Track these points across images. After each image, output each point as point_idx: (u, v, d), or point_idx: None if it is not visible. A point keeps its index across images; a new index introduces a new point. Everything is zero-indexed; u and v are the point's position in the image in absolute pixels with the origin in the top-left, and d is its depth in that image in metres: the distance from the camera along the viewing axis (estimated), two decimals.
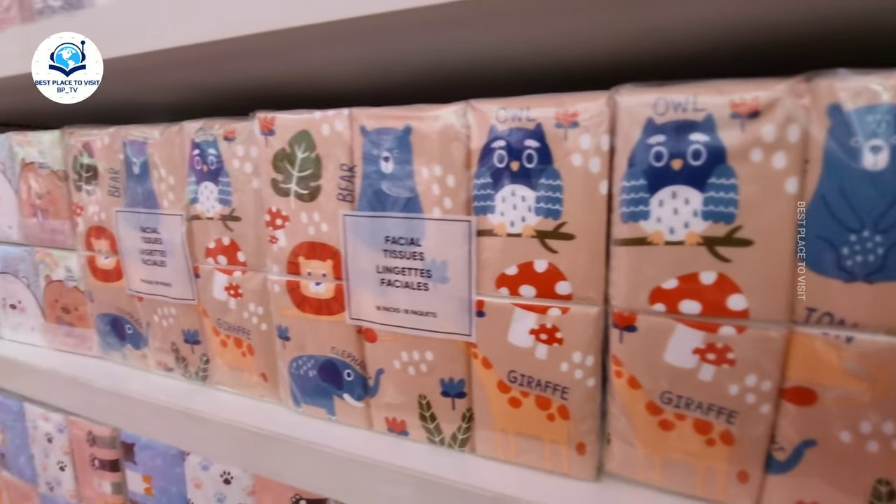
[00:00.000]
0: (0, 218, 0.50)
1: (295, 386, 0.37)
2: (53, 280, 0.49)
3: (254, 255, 0.37)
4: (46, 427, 0.55)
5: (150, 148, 0.39)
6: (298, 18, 0.27)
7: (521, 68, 0.37)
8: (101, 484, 0.53)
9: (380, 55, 0.34)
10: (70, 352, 0.51)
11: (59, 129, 0.45)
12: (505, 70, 0.38)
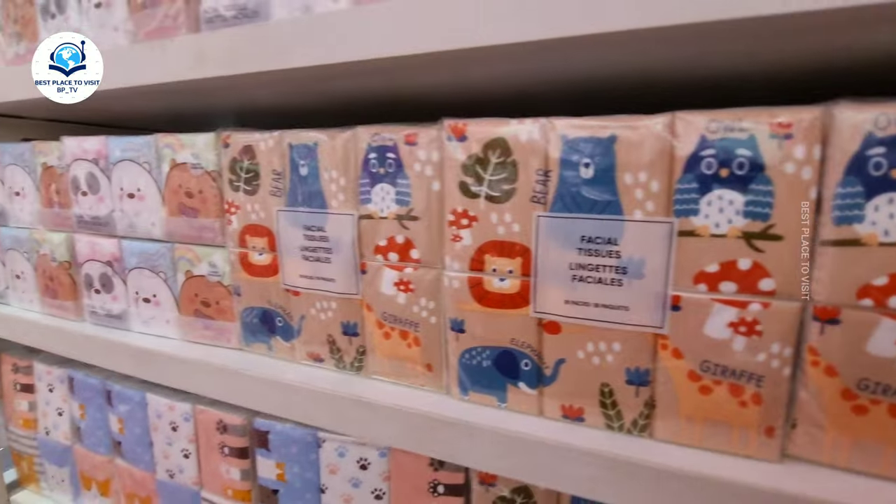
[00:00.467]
0: (143, 216, 0.52)
1: (465, 375, 0.40)
2: (195, 275, 0.51)
3: (429, 253, 0.39)
4: (171, 416, 0.58)
5: (320, 151, 0.42)
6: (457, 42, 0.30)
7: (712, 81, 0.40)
8: (230, 471, 0.56)
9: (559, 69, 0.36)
10: (207, 343, 0.53)
11: (212, 132, 0.47)
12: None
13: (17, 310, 0.66)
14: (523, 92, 0.49)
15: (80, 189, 0.56)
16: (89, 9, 0.49)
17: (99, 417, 0.63)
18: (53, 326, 0.60)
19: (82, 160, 0.55)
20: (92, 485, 0.67)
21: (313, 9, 0.39)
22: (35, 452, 0.71)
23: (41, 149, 0.59)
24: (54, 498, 0.71)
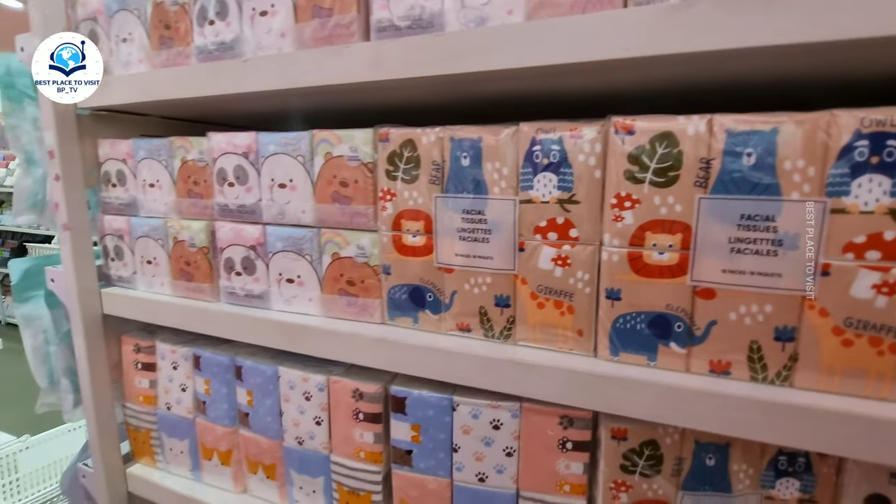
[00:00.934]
0: (293, 204, 0.58)
1: (616, 338, 0.46)
2: (342, 257, 0.57)
3: (587, 232, 0.45)
4: (305, 387, 0.63)
5: (483, 145, 0.47)
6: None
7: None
8: (363, 434, 0.62)
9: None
10: (349, 319, 0.59)
11: (370, 128, 0.53)
12: None
13: (147, 293, 0.71)
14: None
15: (227, 180, 0.61)
16: (254, 16, 0.54)
17: (225, 392, 0.69)
18: (192, 307, 0.65)
19: (231, 154, 0.60)
20: (213, 455, 0.72)
21: (488, 21, 0.45)
22: (153, 427, 0.76)
23: (181, 144, 0.64)
24: (170, 470, 0.76)
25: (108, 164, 0.70)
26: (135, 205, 0.70)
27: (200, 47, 0.59)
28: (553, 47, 0.41)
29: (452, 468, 0.57)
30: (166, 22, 0.61)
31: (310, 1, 0.51)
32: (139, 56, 0.64)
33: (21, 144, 0.81)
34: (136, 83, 0.62)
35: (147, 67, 0.63)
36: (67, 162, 0.67)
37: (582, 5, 0.41)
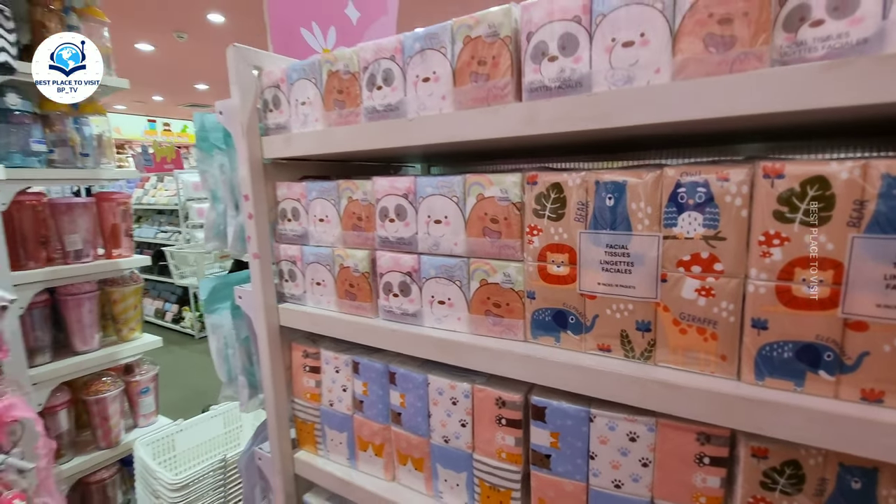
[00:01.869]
0: (447, 237, 0.68)
1: (762, 364, 0.49)
2: (489, 283, 0.66)
3: (732, 266, 0.49)
4: (452, 393, 0.73)
5: (628, 186, 0.53)
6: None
7: None
8: (504, 438, 0.70)
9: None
10: (494, 336, 0.67)
11: (518, 172, 0.61)
12: None
13: (315, 309, 0.85)
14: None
15: (388, 217, 0.73)
16: (417, 82, 0.65)
17: (380, 394, 0.81)
18: (355, 322, 0.78)
19: (392, 195, 0.72)
20: (368, 447, 0.84)
21: (634, 80, 0.51)
22: (316, 420, 0.90)
23: (347, 186, 0.77)
24: (330, 457, 0.90)
25: (285, 203, 0.86)
26: (306, 236, 0.84)
27: (369, 108, 0.71)
28: (703, 103, 0.46)
29: (589, 473, 0.63)
30: (339, 87, 0.74)
31: (468, 67, 0.61)
32: (315, 116, 0.78)
33: (208, 185, 1.00)
34: (314, 138, 0.76)
35: (322, 125, 0.77)
36: (258, 203, 0.83)
37: (729, 64, 0.46)
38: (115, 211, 1.80)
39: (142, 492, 1.67)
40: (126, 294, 1.83)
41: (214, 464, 1.59)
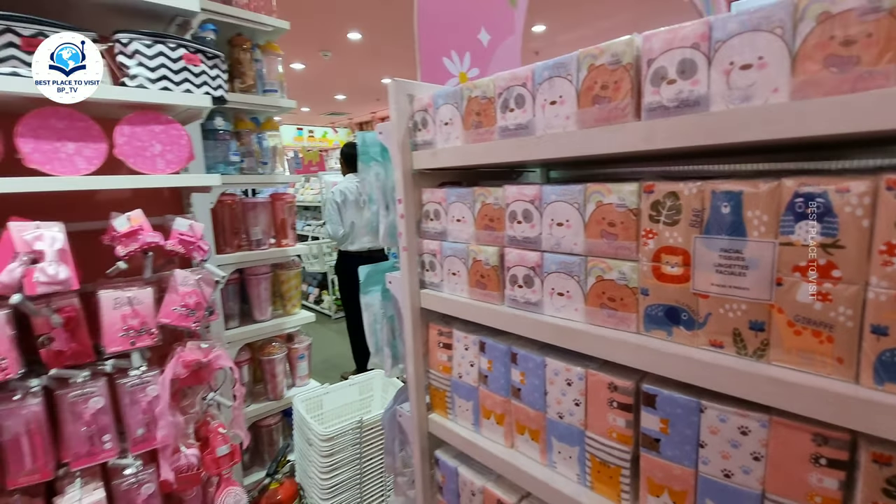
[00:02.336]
0: (568, 238, 0.78)
1: (882, 369, 0.51)
2: (605, 279, 0.74)
3: (851, 273, 0.52)
4: (567, 375, 0.83)
5: (744, 196, 0.58)
6: None
7: None
8: (615, 419, 0.78)
9: None
10: (607, 327, 0.75)
11: (636, 182, 0.69)
12: None
13: (450, 295, 1.01)
14: None
15: (517, 219, 0.85)
16: (545, 105, 0.76)
17: (503, 371, 0.94)
18: (484, 307, 0.92)
19: (520, 200, 0.84)
20: (490, 416, 0.98)
21: (752, 99, 0.55)
22: (447, 389, 1.07)
23: (481, 192, 0.91)
24: (457, 421, 1.06)
25: (428, 205, 1.03)
26: (445, 233, 1.01)
27: (502, 127, 0.84)
28: (823, 121, 0.50)
29: (698, 460, 0.68)
30: (477, 110, 0.88)
31: (591, 91, 0.70)
32: (456, 134, 0.93)
33: (366, 190, 1.23)
34: (456, 153, 0.92)
35: (461, 142, 0.92)
36: (408, 205, 1.02)
37: (851, 83, 0.49)
38: (284, 208, 2.21)
39: (297, 438, 2.04)
40: (290, 276, 2.24)
41: (353, 423, 1.88)
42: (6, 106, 1.13)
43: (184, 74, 1.31)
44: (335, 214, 3.23)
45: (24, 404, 1.09)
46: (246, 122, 2.12)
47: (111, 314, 1.19)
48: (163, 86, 1.27)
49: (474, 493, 1.02)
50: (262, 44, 2.12)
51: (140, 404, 1.26)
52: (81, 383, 1.16)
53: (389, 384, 2.32)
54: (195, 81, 1.34)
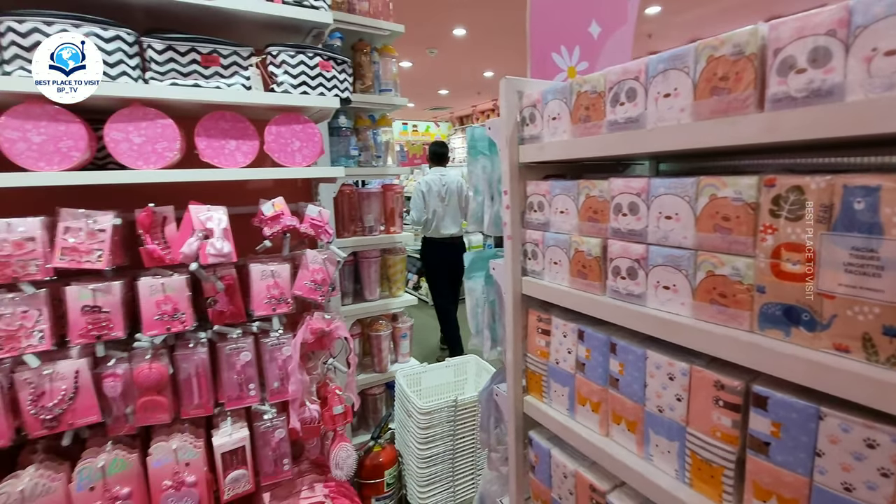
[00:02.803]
0: (677, 231, 0.77)
1: None
2: (716, 274, 0.73)
3: None
4: (669, 369, 0.82)
5: (882, 191, 0.54)
6: None
7: None
8: (721, 418, 0.76)
9: None
10: (716, 324, 0.74)
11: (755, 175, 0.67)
12: None
13: (551, 283, 1.05)
14: None
15: (622, 211, 0.86)
16: (658, 98, 0.76)
17: (601, 360, 0.96)
18: (585, 296, 0.95)
19: (626, 193, 0.85)
20: (586, 403, 1.01)
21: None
22: (544, 373, 1.11)
23: (586, 185, 0.94)
24: (552, 405, 1.10)
25: (533, 197, 1.08)
26: (548, 224, 1.05)
27: (611, 121, 0.85)
28: None
29: (814, 470, 0.65)
30: (586, 105, 0.90)
31: (709, 83, 0.69)
32: (563, 128, 0.96)
33: (472, 182, 1.31)
34: (562, 147, 0.95)
35: (568, 136, 0.95)
36: (513, 197, 1.07)
37: None
38: (393, 198, 2.39)
39: (398, 409, 2.23)
40: (396, 261, 2.42)
41: (448, 402, 2.00)
42: (187, 111, 1.40)
43: (319, 80, 1.51)
44: (420, 202, 3.64)
45: (195, 351, 1.36)
46: (364, 120, 2.33)
47: (259, 284, 1.42)
48: (302, 90, 1.48)
49: (566, 476, 1.05)
50: (380, 47, 2.30)
51: (277, 361, 1.49)
52: (235, 339, 1.41)
53: (483, 369, 2.41)
54: (327, 85, 1.53)
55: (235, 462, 1.43)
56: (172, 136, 1.30)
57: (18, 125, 1.12)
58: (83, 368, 1.20)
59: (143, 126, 1.26)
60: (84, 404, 1.21)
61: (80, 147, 1.18)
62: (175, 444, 1.34)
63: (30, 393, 1.15)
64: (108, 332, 1.22)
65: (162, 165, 1.29)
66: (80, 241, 1.18)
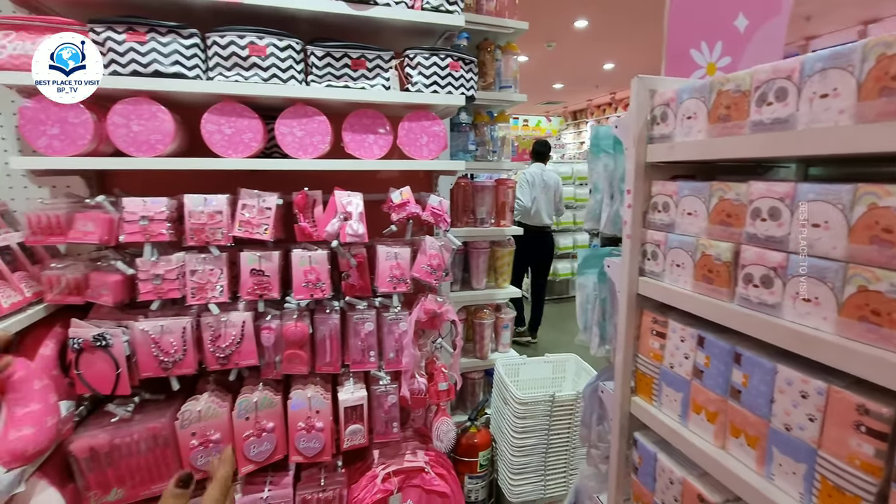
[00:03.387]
0: (825, 241, 0.73)
1: None
2: (870, 290, 0.68)
3: None
4: (803, 387, 0.78)
5: None
6: None
7: None
8: (862, 445, 0.70)
9: None
10: (865, 343, 0.69)
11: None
12: None
13: (671, 285, 1.03)
14: None
15: (760, 216, 0.83)
16: (813, 98, 0.72)
17: (722, 369, 0.92)
18: (708, 302, 0.92)
19: (768, 198, 0.81)
20: (701, 412, 0.98)
21: None
22: (655, 376, 1.10)
23: (720, 186, 0.91)
24: (662, 409, 1.09)
25: (658, 197, 1.07)
26: (672, 225, 1.03)
27: (755, 121, 0.82)
28: None
29: None
30: (727, 104, 0.87)
31: (878, 83, 0.64)
32: (698, 128, 0.94)
33: (592, 180, 1.32)
34: (696, 147, 0.93)
35: (703, 136, 0.93)
36: (636, 196, 1.07)
37: None
38: (505, 192, 2.46)
39: (496, 396, 2.30)
40: (503, 254, 2.49)
41: (545, 396, 2.02)
42: (334, 109, 1.60)
43: (448, 79, 1.62)
44: (526, 189, 4.27)
45: (330, 317, 1.58)
46: (482, 116, 2.42)
47: (384, 264, 1.59)
48: (433, 90, 1.60)
49: (672, 482, 1.04)
50: (503, 45, 2.37)
51: (394, 334, 1.65)
52: (361, 310, 1.60)
53: (582, 369, 2.38)
54: (455, 84, 1.64)
55: (354, 417, 1.63)
56: (325, 131, 1.51)
57: (216, 120, 1.39)
58: (248, 320, 1.47)
59: (303, 122, 1.48)
60: (246, 349, 1.48)
61: (258, 139, 1.44)
62: (309, 392, 1.57)
63: (210, 334, 1.44)
64: (267, 293, 1.47)
65: (316, 156, 1.51)
66: (253, 217, 1.44)
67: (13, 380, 1.21)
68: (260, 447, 1.54)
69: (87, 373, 1.33)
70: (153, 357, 1.39)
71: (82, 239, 1.28)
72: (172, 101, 1.37)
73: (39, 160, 1.24)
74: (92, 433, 1.37)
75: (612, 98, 10.75)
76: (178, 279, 1.39)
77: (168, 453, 1.45)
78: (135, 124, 1.32)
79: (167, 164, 1.35)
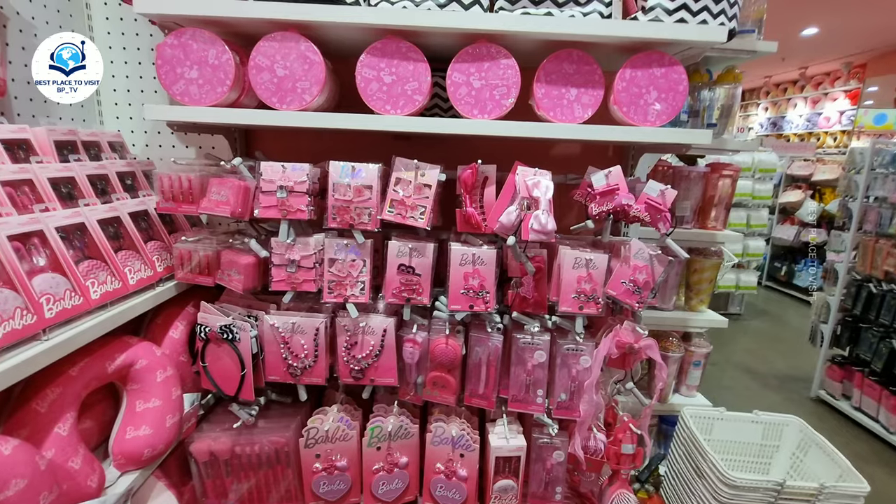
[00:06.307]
0: None
1: None
2: None
3: None
4: None
5: None
6: None
7: None
8: None
9: None
10: None
11: None
12: None
13: None
14: None
15: None
16: None
17: None
18: None
19: None
20: None
21: None
22: None
23: None
24: None
25: None
26: None
27: None
28: None
29: None
30: None
31: None
32: None
33: None
34: None
35: None
36: None
37: None
38: (720, 183, 1.79)
39: (675, 454, 1.71)
40: (706, 266, 1.84)
41: (768, 482, 1.38)
42: (523, 52, 1.15)
43: (704, 2, 1.05)
44: None
45: (490, 336, 1.17)
46: (700, 74, 1.77)
47: (569, 273, 1.13)
48: (678, 17, 1.05)
49: None
50: None
51: (570, 370, 1.19)
52: (532, 333, 1.17)
53: (809, 440, 1.65)
54: (713, 10, 1.06)
55: (507, 471, 1.23)
56: (513, 82, 1.07)
57: (374, 64, 1.05)
58: (390, 328, 1.14)
59: (484, 67, 1.06)
60: (385, 364, 1.15)
61: (423, 90, 1.06)
62: (454, 430, 1.20)
63: (345, 339, 1.14)
64: (416, 297, 1.12)
65: (496, 116, 1.08)
66: (408, 195, 1.08)
67: (134, 369, 1.04)
68: (390, 485, 1.23)
69: (213, 367, 1.12)
70: (282, 359, 1.14)
71: (213, 210, 1.04)
72: (320, 41, 1.05)
73: (169, 109, 1.03)
74: (214, 435, 1.18)
75: (801, 74, 8.03)
76: (314, 268, 1.10)
77: (290, 474, 1.21)
78: (280, 67, 1.03)
79: (311, 121, 1.05)
